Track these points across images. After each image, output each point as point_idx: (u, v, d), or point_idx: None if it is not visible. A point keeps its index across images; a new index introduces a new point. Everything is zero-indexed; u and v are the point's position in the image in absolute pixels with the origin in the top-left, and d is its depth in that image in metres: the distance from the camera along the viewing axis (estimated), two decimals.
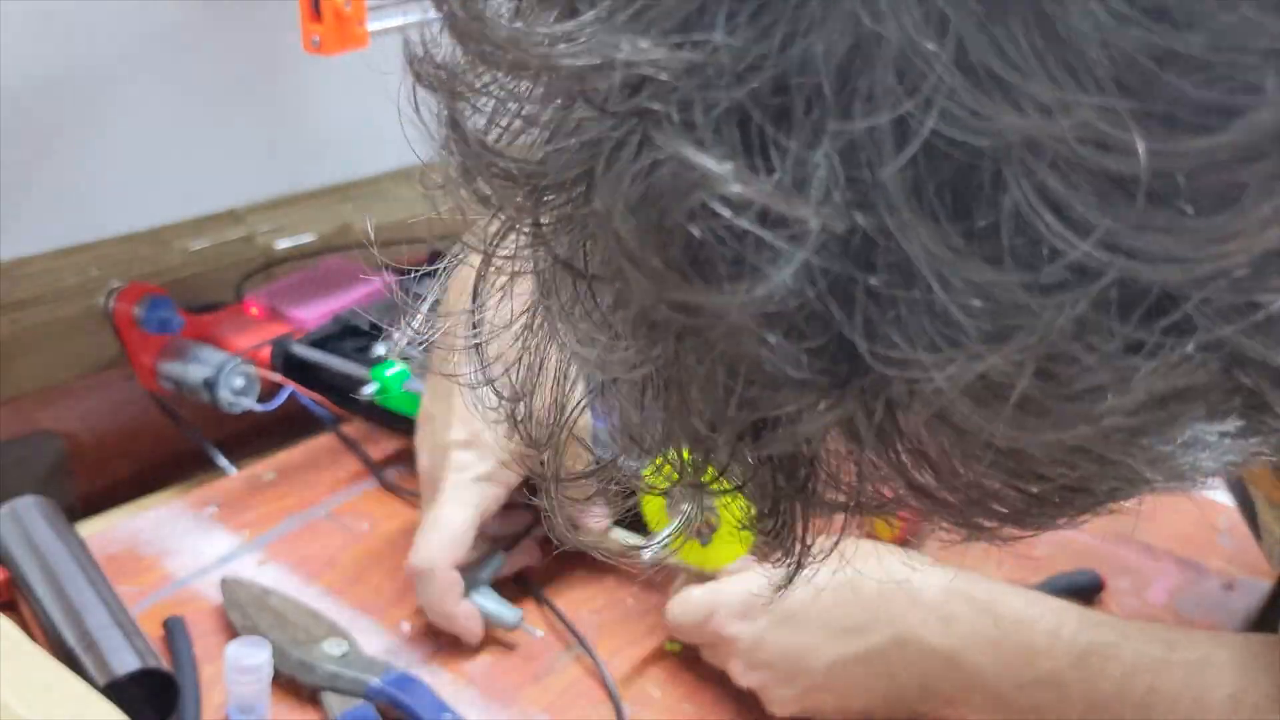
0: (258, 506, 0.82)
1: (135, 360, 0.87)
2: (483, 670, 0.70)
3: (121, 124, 0.91)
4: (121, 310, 0.86)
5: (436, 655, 0.71)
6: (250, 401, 0.85)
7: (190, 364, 0.85)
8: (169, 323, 0.86)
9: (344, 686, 0.66)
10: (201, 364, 0.85)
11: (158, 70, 0.92)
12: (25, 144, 0.85)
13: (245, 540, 0.79)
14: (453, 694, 0.67)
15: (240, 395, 0.85)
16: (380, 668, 0.67)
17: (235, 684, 0.62)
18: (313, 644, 0.68)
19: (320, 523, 0.82)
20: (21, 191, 0.85)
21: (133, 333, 0.87)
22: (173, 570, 0.76)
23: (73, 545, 0.71)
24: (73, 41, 0.86)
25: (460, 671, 0.70)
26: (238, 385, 0.85)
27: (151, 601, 0.72)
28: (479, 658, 0.71)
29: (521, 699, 0.68)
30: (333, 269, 1.00)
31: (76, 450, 0.88)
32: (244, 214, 1.01)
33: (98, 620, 0.65)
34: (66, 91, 0.87)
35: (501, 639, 0.72)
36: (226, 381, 0.84)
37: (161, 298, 0.87)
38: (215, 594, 0.72)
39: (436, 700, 0.65)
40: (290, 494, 0.84)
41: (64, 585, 0.68)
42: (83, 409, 0.88)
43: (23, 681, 0.57)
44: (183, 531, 0.79)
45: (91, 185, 0.90)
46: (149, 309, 0.86)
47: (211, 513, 0.81)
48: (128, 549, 0.77)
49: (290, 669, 0.66)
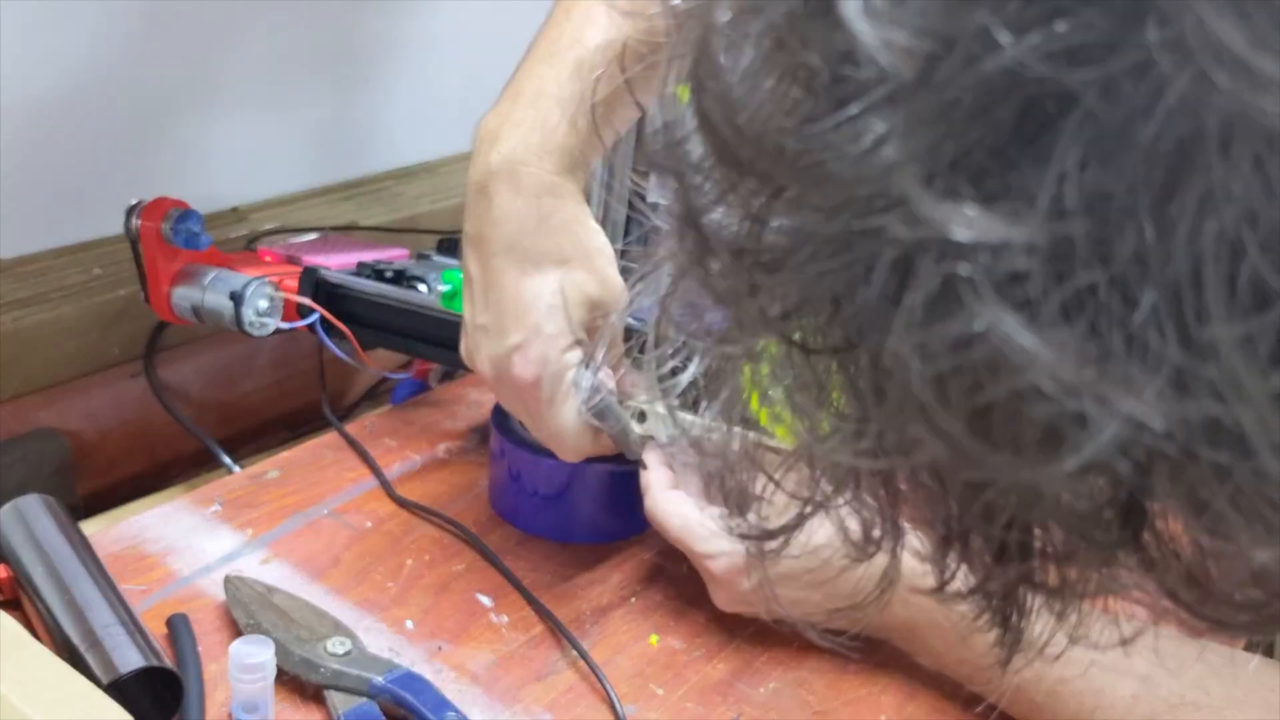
0: (261, 505, 0.82)
1: (154, 287, 0.84)
2: (486, 668, 0.70)
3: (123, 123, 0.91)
4: (146, 227, 0.83)
5: (440, 653, 0.71)
6: (275, 321, 0.83)
7: (211, 286, 0.83)
8: (196, 237, 0.83)
9: (348, 685, 0.66)
10: (225, 284, 0.82)
11: (159, 70, 0.92)
12: (26, 143, 0.85)
13: (249, 538, 0.79)
14: (456, 692, 0.67)
15: (265, 316, 0.83)
16: (384, 666, 0.67)
17: (239, 682, 0.62)
18: (316, 642, 0.68)
19: (324, 521, 0.82)
20: (23, 190, 0.85)
21: (156, 251, 0.83)
22: (176, 568, 0.76)
23: (77, 543, 0.71)
24: (72, 42, 0.86)
25: (464, 670, 0.70)
26: (262, 306, 0.83)
27: (155, 599, 0.73)
28: (483, 656, 0.71)
29: (525, 697, 0.68)
30: (343, 239, 1.00)
31: (80, 448, 0.88)
32: (246, 211, 1.01)
33: (102, 618, 0.65)
34: (68, 91, 0.87)
35: (503, 638, 0.72)
36: (252, 301, 0.82)
37: (189, 211, 0.83)
38: (219, 592, 0.72)
39: (440, 698, 0.65)
40: (294, 492, 0.84)
41: (68, 583, 0.68)
42: (87, 407, 0.88)
43: (27, 679, 0.57)
44: (187, 529, 0.79)
45: (92, 184, 0.91)
46: (176, 221, 0.83)
47: (215, 511, 0.81)
48: (132, 547, 0.77)
49: (294, 667, 0.66)
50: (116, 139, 0.91)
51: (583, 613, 0.75)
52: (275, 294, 0.83)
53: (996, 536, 0.26)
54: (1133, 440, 0.21)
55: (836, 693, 0.71)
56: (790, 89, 0.24)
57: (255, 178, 1.02)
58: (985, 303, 0.21)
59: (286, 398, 0.99)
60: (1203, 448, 0.21)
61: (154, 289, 0.84)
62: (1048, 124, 0.21)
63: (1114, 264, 0.21)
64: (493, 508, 0.84)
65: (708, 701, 0.69)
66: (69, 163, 0.89)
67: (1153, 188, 0.20)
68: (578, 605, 0.75)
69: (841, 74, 0.22)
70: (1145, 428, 0.21)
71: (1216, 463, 0.22)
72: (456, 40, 1.14)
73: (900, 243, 0.22)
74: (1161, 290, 0.21)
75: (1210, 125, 0.20)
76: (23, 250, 0.87)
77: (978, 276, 0.21)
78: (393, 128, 1.15)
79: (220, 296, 0.82)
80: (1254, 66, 0.19)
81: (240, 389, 0.97)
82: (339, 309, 0.86)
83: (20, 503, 0.73)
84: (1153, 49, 0.20)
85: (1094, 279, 0.21)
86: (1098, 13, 0.20)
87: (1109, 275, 0.21)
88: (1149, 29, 0.20)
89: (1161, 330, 0.21)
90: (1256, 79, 0.19)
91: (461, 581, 0.77)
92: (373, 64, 1.11)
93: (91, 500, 0.85)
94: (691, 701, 0.69)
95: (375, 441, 0.90)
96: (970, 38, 0.20)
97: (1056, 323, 0.21)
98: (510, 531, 0.81)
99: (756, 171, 0.24)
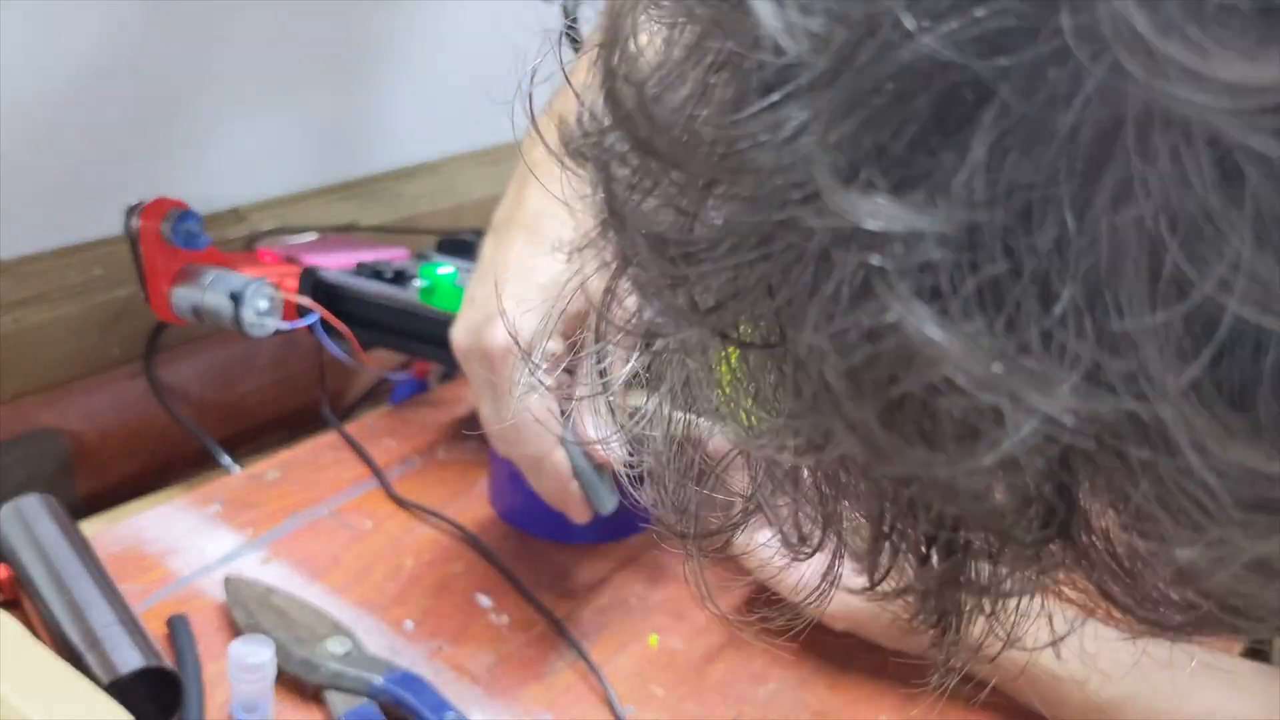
0: (261, 505, 0.82)
1: (153, 287, 0.84)
2: (486, 668, 0.70)
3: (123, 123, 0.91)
4: (146, 228, 0.83)
5: (440, 654, 0.71)
6: (275, 322, 0.83)
7: (210, 287, 0.83)
8: (196, 238, 0.83)
9: (347, 685, 0.66)
10: (224, 285, 0.82)
11: (159, 70, 0.92)
12: (26, 143, 0.85)
13: (249, 538, 0.79)
14: (456, 692, 0.67)
15: (264, 316, 0.83)
16: (383, 666, 0.67)
17: (239, 682, 0.62)
18: (316, 642, 0.68)
19: (323, 521, 0.82)
20: (23, 190, 0.85)
21: (156, 252, 0.83)
22: (176, 568, 0.76)
23: (76, 543, 0.71)
24: (72, 42, 0.86)
25: (463, 670, 0.70)
26: (262, 306, 0.82)
27: (155, 600, 0.73)
28: (482, 656, 0.71)
29: (524, 697, 0.68)
30: (343, 239, 1.00)
31: (80, 449, 0.88)
32: (246, 212, 1.01)
33: (102, 618, 0.65)
34: (68, 91, 0.87)
35: (503, 638, 0.72)
36: (251, 301, 0.82)
37: (188, 212, 0.83)
38: (219, 592, 0.72)
39: (440, 699, 0.65)
40: (293, 492, 0.84)
41: (68, 583, 0.68)
42: (86, 407, 0.88)
43: (27, 679, 0.57)
44: (186, 530, 0.79)
45: (92, 184, 0.91)
46: (176, 221, 0.83)
47: (215, 511, 0.81)
48: (131, 547, 0.77)
49: (293, 667, 0.66)
50: (116, 139, 0.91)
51: (583, 613, 0.75)
52: (275, 294, 0.83)
53: (923, 534, 0.26)
54: (1049, 436, 0.21)
55: (836, 693, 0.71)
56: (707, 77, 0.23)
57: (255, 178, 1.02)
58: (896, 294, 0.21)
59: (286, 398, 0.99)
60: (1123, 443, 0.21)
61: (154, 289, 0.84)
62: (967, 113, 0.20)
63: (1031, 256, 0.20)
64: (493, 508, 0.84)
65: (707, 701, 0.69)
66: (69, 163, 0.89)
67: (1073, 179, 0.20)
68: (578, 605, 0.75)
69: (761, 61, 0.21)
70: (1059, 424, 0.20)
71: (1139, 458, 0.21)
72: (456, 40, 1.14)
73: (818, 234, 0.21)
74: (1080, 284, 0.20)
75: (1128, 115, 0.19)
76: (23, 250, 0.87)
77: (889, 266, 0.21)
78: (393, 128, 1.15)
79: (220, 297, 0.82)
80: (1164, 54, 0.18)
81: (240, 389, 0.97)
82: (338, 309, 0.86)
83: (20, 503, 0.73)
84: (1068, 36, 0.19)
85: (1008, 269, 0.20)
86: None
87: (1026, 268, 0.20)
88: (1063, 15, 0.19)
89: (1080, 325, 0.20)
90: (1168, 67, 0.18)
91: (461, 581, 0.77)
92: (373, 64, 1.11)
93: (91, 500, 0.85)
94: (691, 701, 0.69)
95: (375, 441, 0.90)
96: (887, 24, 0.20)
97: (970, 315, 0.20)
98: (510, 531, 0.81)
99: (676, 161, 0.23)
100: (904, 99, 0.20)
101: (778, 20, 0.20)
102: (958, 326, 0.20)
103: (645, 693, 0.69)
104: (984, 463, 0.21)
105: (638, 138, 0.23)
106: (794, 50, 0.20)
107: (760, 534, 0.33)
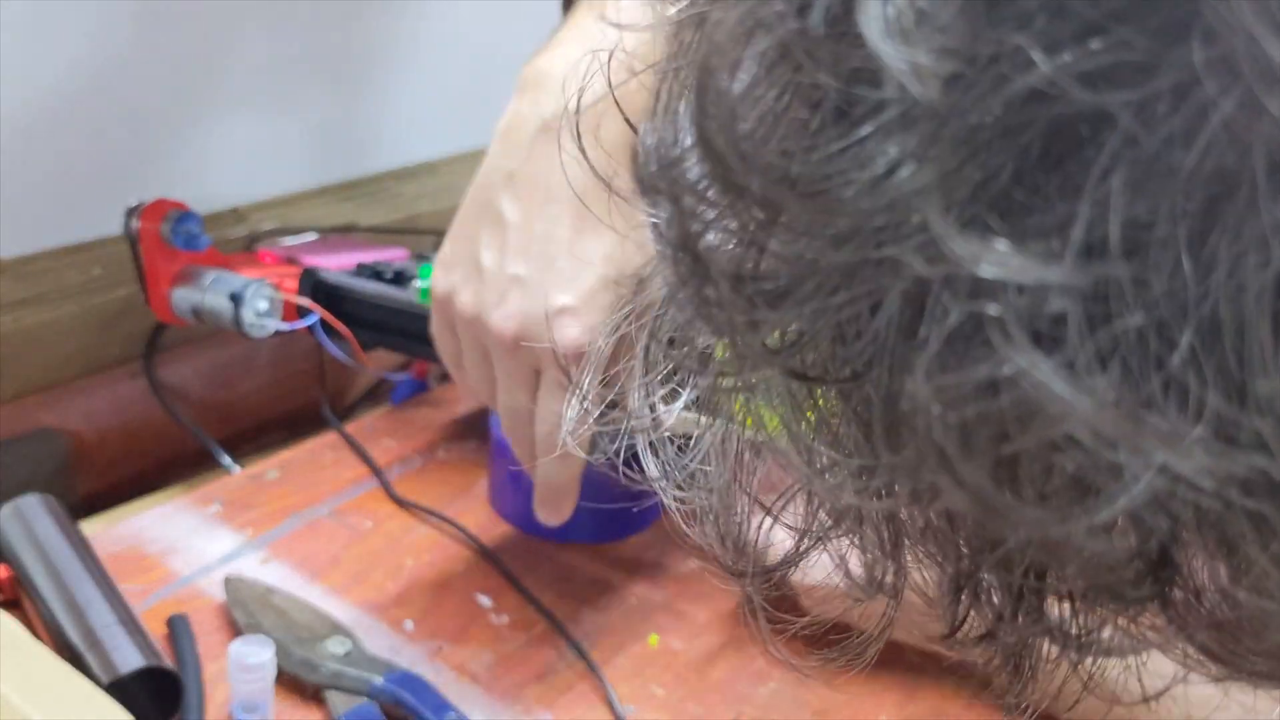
0: (261, 505, 0.82)
1: (153, 288, 0.84)
2: (486, 668, 0.70)
3: (123, 123, 0.91)
4: (146, 229, 0.83)
5: (440, 654, 0.71)
6: (275, 322, 0.83)
7: (210, 288, 0.83)
8: (196, 239, 0.83)
9: (347, 685, 0.66)
10: (224, 285, 0.83)
11: (159, 70, 0.92)
12: (26, 143, 0.85)
13: (249, 538, 0.79)
14: (456, 692, 0.67)
15: (264, 318, 0.83)
16: (384, 666, 0.67)
17: (239, 682, 0.62)
18: (316, 642, 0.68)
19: (323, 521, 0.82)
20: (23, 190, 0.85)
21: (156, 253, 0.83)
22: (176, 568, 0.76)
23: (76, 543, 0.71)
24: (72, 42, 0.86)
25: (464, 670, 0.70)
26: (262, 307, 0.83)
27: (155, 600, 0.73)
28: (483, 656, 0.71)
29: (525, 697, 0.68)
30: (343, 239, 1.00)
31: (80, 448, 0.88)
32: (246, 212, 1.01)
33: (101, 618, 0.65)
34: (68, 91, 0.87)
35: (503, 638, 0.72)
36: (251, 302, 0.82)
37: (188, 213, 0.83)
38: (219, 592, 0.72)
39: (440, 699, 0.65)
40: (294, 492, 0.84)
41: (68, 583, 0.68)
42: (86, 407, 0.88)
43: (26, 679, 0.57)
44: (186, 530, 0.79)
45: (92, 184, 0.91)
46: (176, 223, 0.83)
47: (215, 511, 0.81)
48: (131, 547, 0.77)
49: (294, 667, 0.66)
50: (116, 139, 0.91)
51: (583, 613, 0.75)
52: (275, 295, 0.83)
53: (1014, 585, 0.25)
54: (1169, 492, 0.20)
55: (836, 693, 0.71)
56: (797, 110, 0.22)
57: (255, 178, 1.02)
58: (1016, 346, 0.19)
59: (286, 398, 0.99)
60: (1242, 498, 0.20)
61: (153, 290, 0.84)
62: (1077, 149, 0.19)
63: (1154, 305, 0.19)
64: (493, 508, 0.84)
65: (708, 701, 0.69)
66: (69, 163, 0.89)
67: (1190, 220, 0.19)
68: (578, 605, 0.75)
69: (854, 95, 0.20)
70: (1183, 480, 0.19)
71: (1257, 513, 0.20)
72: (456, 40, 1.14)
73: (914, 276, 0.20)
74: (1200, 331, 0.19)
75: (1257, 153, 0.18)
76: (23, 250, 0.87)
77: (1008, 317, 0.19)
78: (393, 128, 1.15)
79: (220, 298, 0.82)
80: None
81: (239, 389, 0.97)
82: (338, 310, 0.86)
83: (20, 503, 0.73)
84: (1198, 69, 0.18)
85: (1137, 322, 0.19)
86: (1135, 30, 0.18)
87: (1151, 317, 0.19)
88: (1194, 47, 0.18)
89: (1201, 374, 0.19)
90: None
91: (461, 581, 0.77)
92: (373, 64, 1.11)
93: (91, 500, 0.85)
94: (691, 701, 0.69)
95: (375, 441, 0.90)
96: (998, 57, 0.19)
97: (1093, 368, 0.19)
98: (510, 531, 0.81)
99: (758, 197, 0.22)
100: (1012, 134, 0.20)
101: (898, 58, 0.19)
102: (1083, 381, 0.19)
103: (645, 693, 0.69)
104: (1099, 519, 0.20)
105: (721, 171, 0.22)
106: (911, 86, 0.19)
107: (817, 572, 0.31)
